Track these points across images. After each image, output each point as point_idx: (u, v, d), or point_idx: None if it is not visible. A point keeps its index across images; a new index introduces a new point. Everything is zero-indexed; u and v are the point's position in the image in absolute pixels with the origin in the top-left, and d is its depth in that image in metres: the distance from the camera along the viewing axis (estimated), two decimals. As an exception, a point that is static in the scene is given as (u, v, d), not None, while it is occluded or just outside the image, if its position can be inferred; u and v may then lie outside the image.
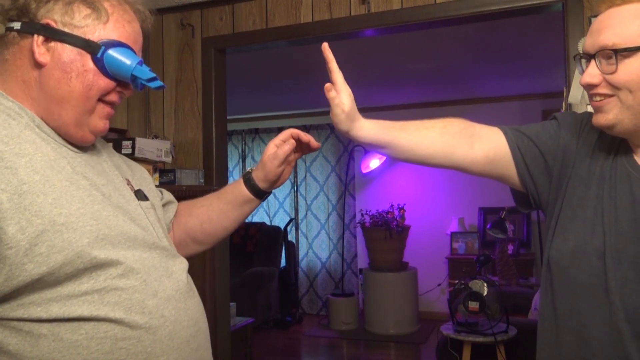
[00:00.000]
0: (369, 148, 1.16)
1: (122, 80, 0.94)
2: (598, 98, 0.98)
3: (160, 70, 2.69)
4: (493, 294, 3.09)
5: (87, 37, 0.90)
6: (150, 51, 2.69)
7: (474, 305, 3.05)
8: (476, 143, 1.11)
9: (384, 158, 5.61)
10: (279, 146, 1.17)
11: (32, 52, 0.88)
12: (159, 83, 0.97)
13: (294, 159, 1.21)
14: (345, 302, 5.18)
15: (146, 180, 1.14)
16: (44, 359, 0.79)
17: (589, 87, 0.99)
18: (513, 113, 5.32)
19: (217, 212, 1.20)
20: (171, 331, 0.90)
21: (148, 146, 2.34)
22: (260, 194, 1.20)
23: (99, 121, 0.95)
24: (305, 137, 1.18)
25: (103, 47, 0.90)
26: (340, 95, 1.07)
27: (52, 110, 0.90)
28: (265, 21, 2.48)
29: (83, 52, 0.90)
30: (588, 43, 0.99)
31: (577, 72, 1.96)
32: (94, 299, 0.83)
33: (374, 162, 5.58)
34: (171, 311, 0.91)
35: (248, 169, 1.20)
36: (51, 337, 0.80)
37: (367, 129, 1.10)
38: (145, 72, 0.94)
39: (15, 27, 0.89)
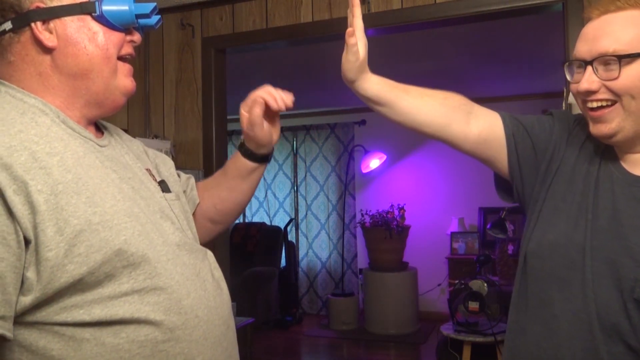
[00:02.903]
0: (368, 103, 1.15)
1: (128, 28, 0.94)
2: (595, 104, 0.98)
3: (160, 70, 2.69)
4: (493, 293, 3.10)
5: (78, 2, 0.89)
6: (150, 51, 2.69)
7: (474, 305, 3.06)
8: (472, 120, 1.13)
9: (384, 158, 5.61)
10: (249, 111, 1.09)
11: (39, 41, 0.86)
12: (158, 16, 0.98)
13: (276, 114, 1.13)
14: (345, 302, 5.18)
15: (166, 164, 1.13)
16: None
17: (587, 94, 0.98)
18: (513, 113, 5.31)
19: (227, 190, 1.18)
20: (205, 331, 0.90)
21: (148, 146, 2.34)
22: (264, 159, 1.17)
23: (126, 79, 0.95)
24: (270, 97, 1.09)
25: (96, 3, 0.89)
26: (358, 43, 1.08)
27: (79, 88, 0.90)
28: (265, 21, 2.48)
29: (82, 16, 0.89)
30: (583, 50, 0.99)
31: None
32: (134, 299, 0.82)
33: (374, 162, 5.58)
34: (204, 310, 0.90)
35: (241, 138, 1.16)
36: (93, 342, 0.79)
37: (374, 82, 1.12)
38: (145, 7, 0.94)
39: (7, 28, 0.87)
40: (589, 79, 0.97)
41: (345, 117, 5.81)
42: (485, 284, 3.13)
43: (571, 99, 1.96)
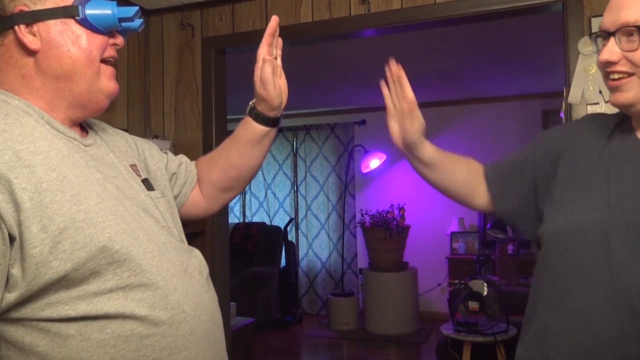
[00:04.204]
0: (416, 164, 1.25)
1: (111, 31, 0.95)
2: (616, 76, 0.97)
3: (160, 71, 2.69)
4: (493, 293, 3.10)
5: (61, 5, 0.89)
6: (150, 51, 2.69)
7: (474, 305, 3.05)
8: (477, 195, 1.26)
9: (384, 158, 5.61)
10: (260, 69, 1.14)
11: (22, 44, 0.88)
12: (140, 20, 0.98)
13: (280, 68, 1.18)
14: (345, 302, 5.18)
15: (154, 158, 1.14)
16: (73, 359, 0.80)
17: (607, 65, 0.97)
18: (513, 113, 5.32)
19: (239, 156, 1.20)
20: (192, 326, 0.91)
21: (148, 146, 2.34)
22: (275, 122, 1.18)
23: (108, 82, 0.96)
24: (271, 32, 1.17)
25: (79, 6, 0.90)
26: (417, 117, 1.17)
27: (62, 90, 0.90)
28: (265, 21, 2.48)
29: (66, 20, 0.89)
30: (607, 20, 0.97)
31: (577, 71, 1.96)
32: (119, 296, 0.83)
33: (373, 162, 5.58)
34: (190, 306, 0.91)
35: (250, 104, 1.18)
36: (79, 337, 0.80)
37: (430, 146, 1.22)
38: (128, 11, 0.94)
39: None
40: (609, 50, 0.96)
41: (345, 117, 5.81)
42: (485, 284, 3.13)
43: (571, 98, 1.96)
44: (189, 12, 2.63)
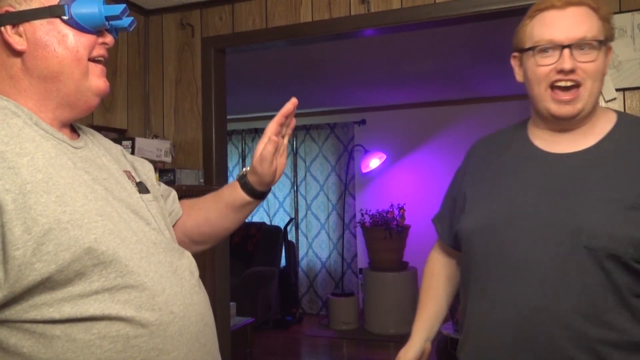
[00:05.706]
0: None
1: (100, 30, 0.94)
2: (570, 83, 1.06)
3: (160, 70, 2.69)
4: (493, 293, 3.10)
5: (47, 5, 0.89)
6: (150, 51, 2.69)
7: (473, 305, 3.05)
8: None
9: (384, 157, 5.61)
10: (264, 145, 1.13)
11: (9, 45, 0.87)
12: (130, 18, 0.97)
13: (285, 147, 1.17)
14: (345, 302, 5.18)
15: (145, 167, 1.15)
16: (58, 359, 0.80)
17: (564, 73, 1.06)
18: (513, 113, 5.31)
19: (216, 214, 1.19)
20: (180, 327, 0.90)
21: (148, 146, 2.34)
22: (261, 196, 1.18)
23: (98, 80, 0.95)
24: (285, 114, 1.13)
25: (65, 6, 0.89)
26: None
27: (50, 90, 0.90)
28: (265, 21, 2.48)
29: (51, 20, 0.89)
30: (559, 34, 1.06)
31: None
32: (105, 297, 0.82)
33: (373, 162, 5.58)
34: (179, 307, 0.91)
35: (243, 170, 1.19)
36: (64, 338, 0.80)
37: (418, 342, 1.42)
38: (115, 9, 0.94)
39: None
40: (568, 60, 1.05)
41: (345, 117, 5.81)
42: (485, 284, 3.12)
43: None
44: (188, 12, 2.63)
